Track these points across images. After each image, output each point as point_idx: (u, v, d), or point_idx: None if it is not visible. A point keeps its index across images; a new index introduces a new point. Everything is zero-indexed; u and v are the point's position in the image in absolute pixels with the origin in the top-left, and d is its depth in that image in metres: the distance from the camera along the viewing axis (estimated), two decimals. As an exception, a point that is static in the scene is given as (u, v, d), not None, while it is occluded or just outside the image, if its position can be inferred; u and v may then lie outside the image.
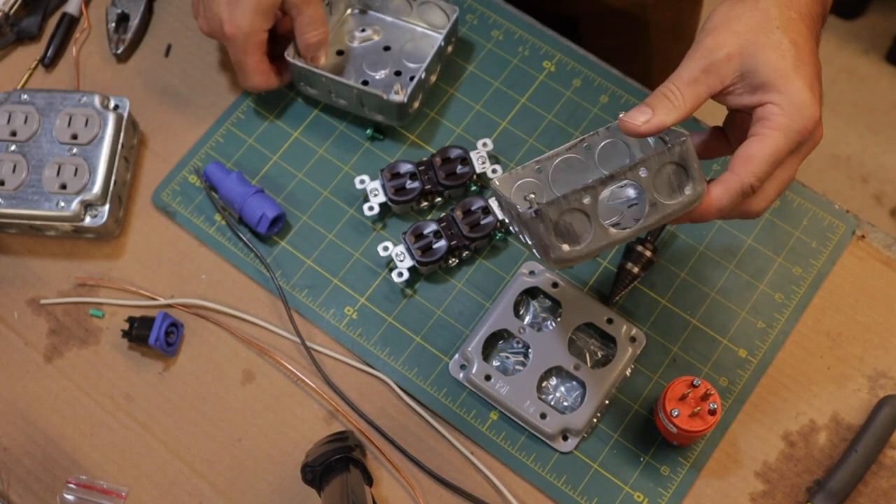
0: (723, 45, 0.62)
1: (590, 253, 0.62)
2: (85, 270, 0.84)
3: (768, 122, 0.61)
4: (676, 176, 0.62)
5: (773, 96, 0.61)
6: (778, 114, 0.61)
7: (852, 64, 1.94)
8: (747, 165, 0.61)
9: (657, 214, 0.62)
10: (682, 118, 0.63)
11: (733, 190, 0.62)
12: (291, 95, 0.88)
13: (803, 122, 0.61)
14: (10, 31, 0.92)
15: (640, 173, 0.61)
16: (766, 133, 0.61)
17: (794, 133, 0.61)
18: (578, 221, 0.61)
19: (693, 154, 0.62)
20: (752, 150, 0.61)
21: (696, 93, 0.63)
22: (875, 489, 0.74)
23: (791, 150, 0.62)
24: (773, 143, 0.61)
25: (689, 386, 0.71)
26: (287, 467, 0.77)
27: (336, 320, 0.81)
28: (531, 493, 0.75)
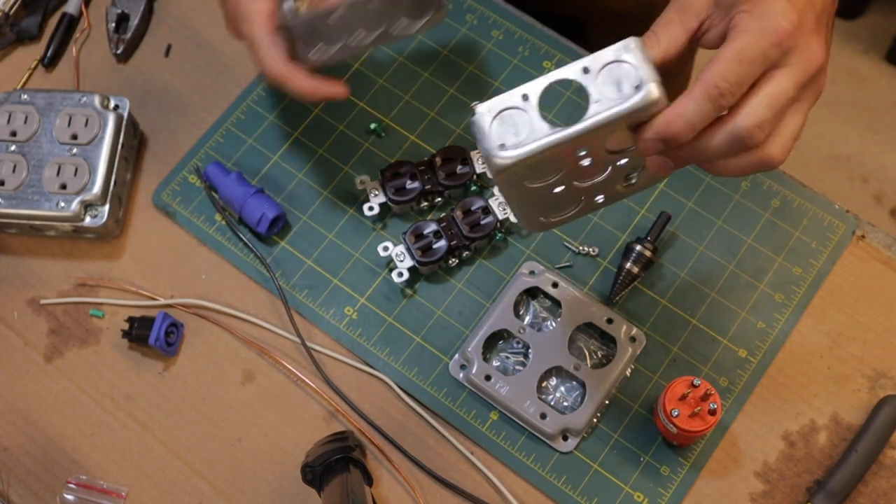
0: None
1: (531, 153, 0.58)
2: (85, 270, 0.84)
3: (735, 28, 0.58)
4: (626, 77, 0.58)
5: (742, 6, 0.58)
6: (746, 18, 0.57)
7: (852, 64, 1.94)
8: (711, 67, 0.57)
9: (601, 113, 0.58)
10: (661, 60, 0.60)
11: (696, 93, 0.57)
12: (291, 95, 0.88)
13: (775, 19, 0.57)
14: (10, 31, 0.92)
15: (581, 72, 0.58)
16: (732, 36, 0.57)
17: (764, 32, 0.57)
18: (519, 120, 0.59)
19: (642, 54, 0.58)
20: (717, 54, 0.57)
21: (671, 32, 0.60)
22: (875, 489, 0.74)
23: (766, 54, 0.57)
24: (739, 42, 0.57)
25: (689, 386, 0.71)
26: (287, 467, 0.77)
27: (336, 320, 0.81)
28: (531, 493, 0.75)
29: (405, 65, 0.89)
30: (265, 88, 0.89)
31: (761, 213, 0.82)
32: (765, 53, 0.57)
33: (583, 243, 0.82)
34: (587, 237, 0.82)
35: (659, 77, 0.58)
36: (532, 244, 0.82)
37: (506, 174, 0.59)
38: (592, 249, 0.81)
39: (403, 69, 0.89)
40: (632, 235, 0.82)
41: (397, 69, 0.89)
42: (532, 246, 0.82)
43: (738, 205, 0.83)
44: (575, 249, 0.82)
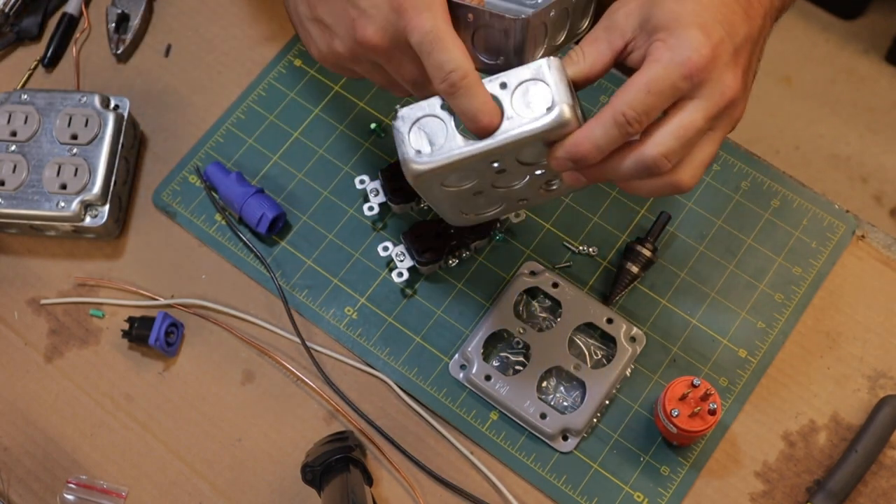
0: (625, 3, 0.62)
1: (443, 163, 0.60)
2: (85, 270, 0.84)
3: (649, 56, 0.59)
4: (540, 96, 0.59)
5: (660, 35, 0.59)
6: (660, 47, 0.59)
7: (852, 64, 1.94)
8: (620, 94, 0.58)
9: (513, 130, 0.59)
10: (585, 76, 0.61)
11: (604, 118, 0.58)
12: (292, 95, 0.88)
13: (686, 53, 0.58)
14: (10, 31, 0.92)
15: (499, 88, 0.60)
16: (645, 65, 0.59)
17: (674, 65, 0.58)
18: (435, 129, 0.60)
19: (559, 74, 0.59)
20: (629, 82, 0.59)
21: (598, 49, 0.62)
22: (875, 489, 0.74)
23: (675, 85, 0.58)
24: (649, 72, 0.58)
25: (689, 386, 0.71)
26: (287, 467, 0.77)
27: (336, 320, 0.81)
28: (531, 493, 0.75)
29: (405, 65, 0.89)
30: (265, 88, 0.89)
31: (761, 213, 0.82)
32: (674, 85, 0.58)
33: (583, 243, 0.82)
34: (587, 237, 0.82)
35: (574, 98, 0.59)
36: (532, 244, 0.82)
37: (420, 179, 0.62)
38: (592, 249, 0.81)
39: (403, 69, 0.89)
40: (632, 235, 0.82)
41: (397, 69, 0.89)
42: (532, 246, 0.82)
43: (738, 205, 0.83)
44: (575, 249, 0.82)
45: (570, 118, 0.59)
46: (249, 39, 0.91)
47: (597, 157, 0.60)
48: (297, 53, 0.90)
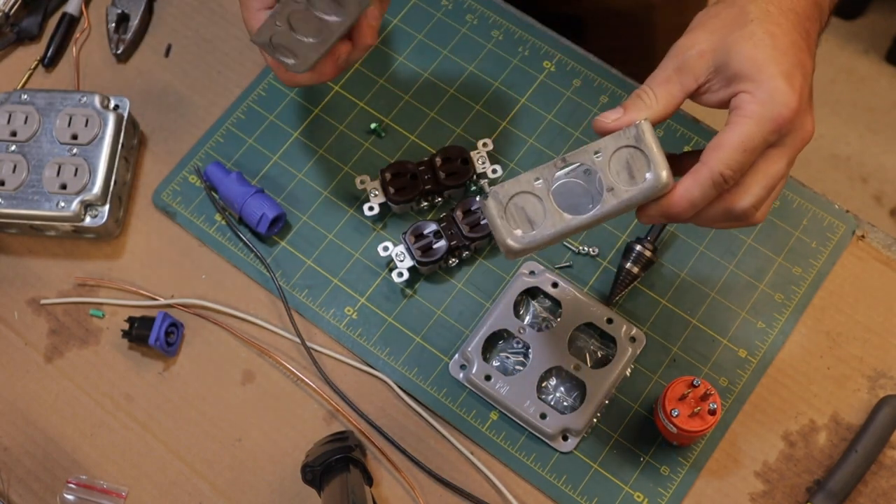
0: (695, 43, 0.62)
1: (544, 240, 0.60)
2: (85, 270, 0.84)
3: (739, 111, 0.60)
4: (636, 161, 0.60)
5: (745, 85, 0.60)
6: (749, 101, 0.60)
7: (852, 64, 1.94)
8: (716, 153, 0.59)
9: (615, 200, 0.60)
10: (656, 117, 0.62)
11: (702, 178, 0.60)
12: (291, 95, 0.88)
13: (777, 108, 0.59)
14: (10, 31, 0.92)
15: (594, 156, 0.60)
16: (736, 121, 0.60)
17: (767, 121, 0.59)
18: (532, 206, 0.60)
19: (652, 138, 0.60)
20: (722, 139, 0.60)
21: (670, 91, 0.62)
22: (875, 489, 0.74)
23: (767, 140, 0.60)
24: (743, 130, 0.59)
25: (689, 386, 0.71)
26: (287, 467, 0.77)
27: (336, 320, 0.81)
28: (531, 493, 0.75)
29: (405, 65, 0.89)
30: (265, 88, 0.89)
31: (761, 213, 0.82)
32: (766, 140, 0.60)
33: (583, 243, 0.82)
34: (587, 237, 0.82)
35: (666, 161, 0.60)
36: (532, 244, 0.82)
37: (515, 255, 0.61)
38: (592, 249, 0.81)
39: (403, 69, 0.89)
40: (632, 235, 0.82)
41: (397, 69, 0.89)
42: (532, 246, 0.82)
43: (738, 205, 0.82)
44: (575, 249, 0.82)
45: (668, 181, 0.60)
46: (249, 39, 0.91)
47: (690, 214, 0.62)
48: (297, 53, 0.90)
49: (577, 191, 0.61)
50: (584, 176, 0.61)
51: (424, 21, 0.90)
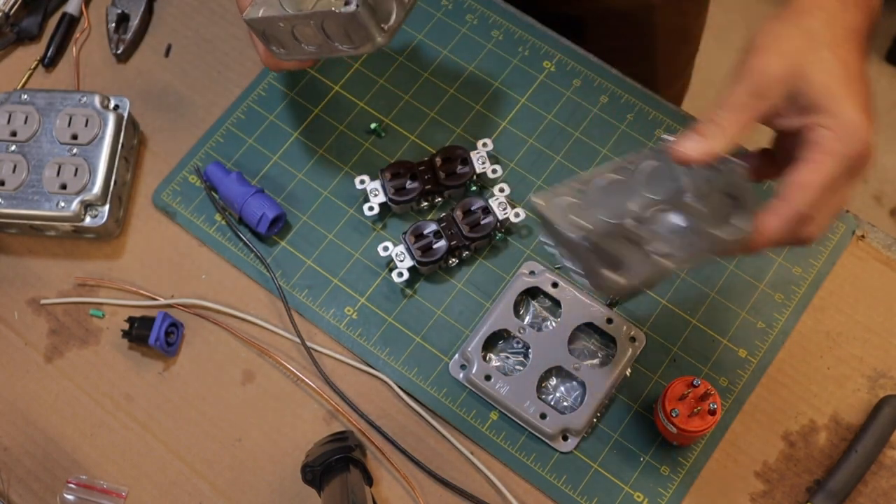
0: (769, 67, 0.60)
1: (641, 283, 0.59)
2: (85, 270, 0.84)
3: (820, 147, 0.59)
4: (726, 205, 0.59)
5: (823, 118, 0.59)
6: (830, 138, 0.59)
7: (852, 64, 1.94)
8: (801, 193, 0.59)
9: (705, 244, 0.59)
10: (734, 145, 0.60)
11: (788, 218, 0.59)
12: (292, 95, 0.88)
13: (856, 146, 0.59)
14: (10, 31, 0.92)
15: (685, 199, 0.59)
16: (819, 158, 0.59)
17: (846, 158, 0.59)
18: (626, 249, 0.59)
19: (747, 184, 0.59)
20: (805, 178, 0.59)
21: (746, 118, 0.60)
22: (875, 489, 0.74)
23: (846, 176, 0.60)
24: (827, 170, 0.58)
25: (688, 386, 0.71)
26: (287, 467, 0.77)
27: (336, 320, 0.81)
28: (531, 493, 0.75)
29: (405, 65, 0.89)
30: (265, 88, 0.89)
31: (761, 213, 0.82)
32: (845, 176, 0.59)
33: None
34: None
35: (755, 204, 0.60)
36: (532, 244, 0.82)
37: None
38: (592, 249, 0.81)
39: (403, 69, 0.89)
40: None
41: (397, 69, 0.89)
42: (532, 246, 0.82)
43: (738, 205, 0.82)
44: (575, 249, 0.82)
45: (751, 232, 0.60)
46: (249, 39, 0.91)
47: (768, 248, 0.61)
48: (297, 53, 0.90)
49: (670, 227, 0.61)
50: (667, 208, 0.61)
51: (424, 21, 0.90)
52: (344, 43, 0.70)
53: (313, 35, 0.70)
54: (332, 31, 0.69)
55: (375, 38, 0.68)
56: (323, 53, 0.72)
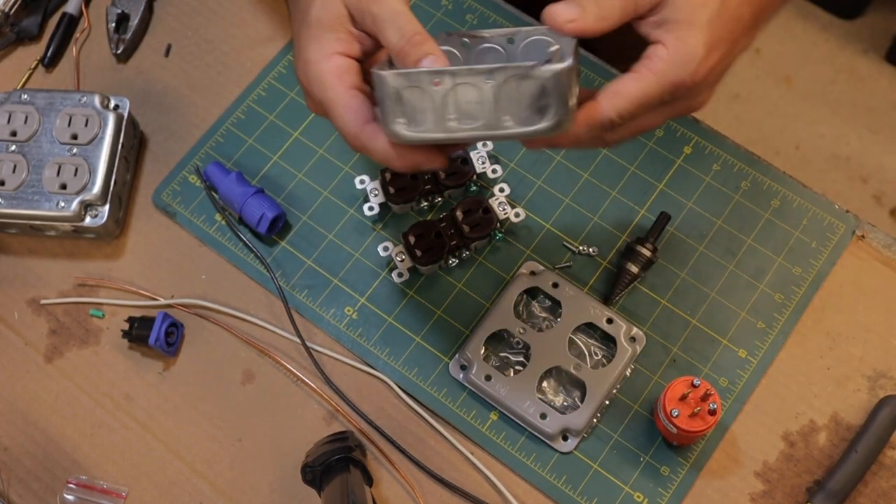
0: None
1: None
2: (85, 270, 0.84)
3: (649, 63, 0.59)
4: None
5: (668, 38, 0.59)
6: (661, 58, 0.58)
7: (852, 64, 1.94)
8: (613, 100, 0.58)
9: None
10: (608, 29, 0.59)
11: (593, 121, 0.59)
12: (292, 95, 0.88)
13: (682, 74, 0.58)
14: (10, 31, 0.92)
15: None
16: (643, 74, 0.58)
17: (668, 83, 0.58)
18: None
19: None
20: (622, 87, 0.58)
21: (624, 7, 0.59)
22: (875, 489, 0.74)
23: (662, 100, 0.59)
24: (644, 86, 0.58)
25: (689, 386, 0.71)
26: (287, 467, 0.77)
27: (336, 320, 0.81)
28: (531, 493, 0.75)
29: (405, 65, 0.89)
30: (265, 88, 0.89)
31: (761, 213, 0.82)
32: (661, 100, 0.59)
33: (583, 243, 0.82)
34: (587, 237, 0.82)
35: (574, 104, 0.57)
36: (532, 244, 0.82)
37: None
38: (592, 249, 0.81)
39: (403, 69, 0.89)
40: (632, 235, 0.82)
41: (397, 69, 0.89)
42: (532, 246, 0.82)
43: (738, 205, 0.83)
44: (575, 249, 0.82)
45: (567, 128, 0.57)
46: (249, 39, 0.91)
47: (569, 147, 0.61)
48: (297, 53, 0.90)
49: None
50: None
51: (424, 21, 0.90)
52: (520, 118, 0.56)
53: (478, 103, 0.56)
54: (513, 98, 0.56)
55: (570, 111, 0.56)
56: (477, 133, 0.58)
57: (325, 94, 0.61)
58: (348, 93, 0.61)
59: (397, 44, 0.59)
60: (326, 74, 0.61)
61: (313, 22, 0.62)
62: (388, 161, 0.60)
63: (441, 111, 0.56)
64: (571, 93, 0.57)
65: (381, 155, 0.60)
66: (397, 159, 0.60)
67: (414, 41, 0.59)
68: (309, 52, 0.62)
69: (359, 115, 0.60)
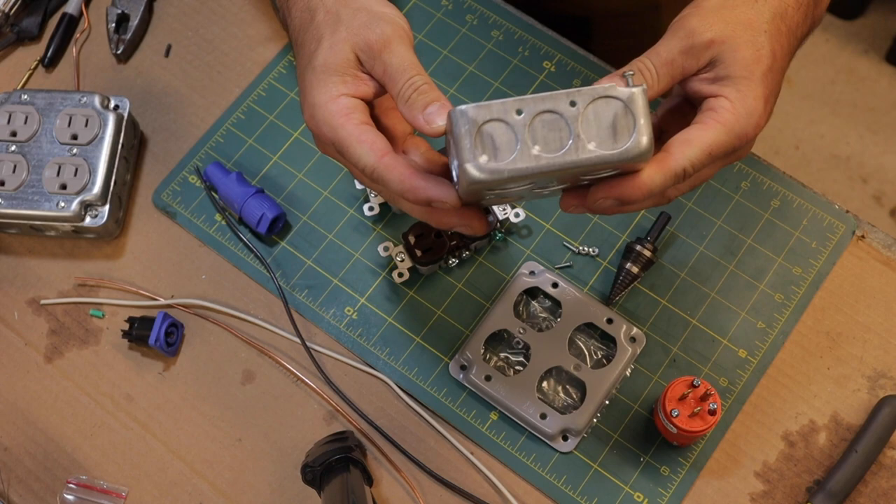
0: (708, 30, 0.61)
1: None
2: (85, 270, 0.84)
3: (716, 115, 0.60)
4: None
5: (730, 92, 0.60)
6: (729, 109, 0.60)
7: (852, 64, 1.94)
8: (685, 150, 0.59)
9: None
10: (653, 98, 0.60)
11: (668, 171, 0.58)
12: (292, 95, 0.88)
13: (747, 128, 0.60)
14: (10, 31, 0.92)
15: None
16: (711, 124, 0.59)
17: (734, 135, 0.60)
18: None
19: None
20: (694, 135, 0.59)
21: (671, 73, 0.61)
22: (875, 489, 0.74)
23: (727, 152, 0.60)
24: (714, 136, 0.59)
25: (689, 386, 0.71)
26: (287, 467, 0.77)
27: (336, 320, 0.81)
28: (531, 493, 0.75)
29: (405, 65, 0.89)
30: (265, 88, 0.89)
31: (761, 213, 0.82)
32: (727, 152, 0.60)
33: (583, 243, 0.82)
34: (587, 237, 0.82)
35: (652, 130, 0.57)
36: (532, 244, 0.82)
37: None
38: (592, 249, 0.81)
39: (403, 69, 0.89)
40: (632, 235, 0.82)
41: (397, 69, 0.89)
42: (532, 246, 0.82)
43: (738, 205, 0.83)
44: (575, 249, 0.82)
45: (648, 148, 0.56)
46: (249, 39, 0.91)
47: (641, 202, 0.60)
48: (297, 53, 0.90)
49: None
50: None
51: (424, 21, 0.90)
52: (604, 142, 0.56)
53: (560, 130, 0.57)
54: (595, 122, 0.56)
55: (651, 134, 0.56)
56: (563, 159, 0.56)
57: (335, 134, 0.61)
58: (360, 128, 0.60)
59: (405, 92, 0.60)
60: (335, 115, 0.61)
61: (319, 66, 0.62)
62: (405, 191, 0.59)
63: (525, 141, 0.56)
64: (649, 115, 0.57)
65: (397, 186, 0.59)
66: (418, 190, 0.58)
67: (421, 90, 0.59)
68: (315, 96, 0.62)
69: (374, 147, 0.60)
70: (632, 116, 0.56)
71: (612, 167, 0.58)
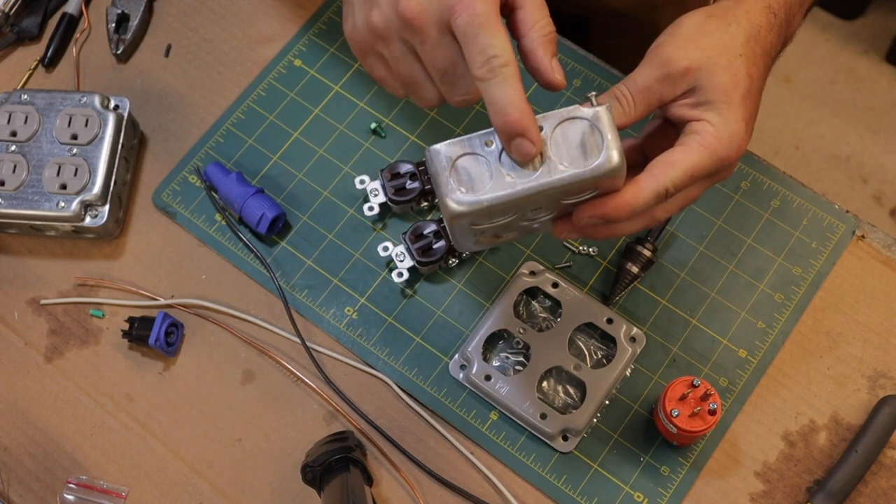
0: (684, 58, 0.62)
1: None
2: (85, 270, 0.84)
3: (699, 138, 0.61)
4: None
5: (711, 116, 0.61)
6: (711, 134, 0.61)
7: (852, 64, 1.95)
8: (667, 170, 0.60)
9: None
10: (629, 125, 0.62)
11: (649, 189, 0.60)
12: (292, 95, 0.88)
13: (729, 151, 0.61)
14: (10, 31, 0.92)
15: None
16: (695, 146, 0.61)
17: (717, 158, 0.61)
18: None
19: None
20: (676, 157, 0.61)
21: (648, 101, 0.62)
22: (875, 489, 0.74)
23: (709, 173, 0.62)
24: (697, 158, 0.61)
25: (689, 386, 0.71)
26: (287, 467, 0.77)
27: (336, 320, 0.81)
28: (531, 493, 0.75)
29: (405, 65, 0.89)
30: (265, 88, 0.89)
31: (761, 213, 0.82)
32: (709, 173, 0.62)
33: (583, 243, 0.82)
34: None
35: (622, 145, 0.59)
36: (532, 244, 0.82)
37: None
38: (592, 249, 0.82)
39: (403, 69, 0.89)
40: (632, 235, 0.82)
41: (397, 69, 0.89)
42: (532, 246, 0.82)
43: (738, 205, 0.83)
44: (575, 249, 0.82)
45: (621, 166, 0.58)
46: (249, 39, 0.91)
47: (624, 220, 0.62)
48: (297, 53, 0.90)
49: None
50: None
51: (424, 21, 0.90)
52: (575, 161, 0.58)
53: None
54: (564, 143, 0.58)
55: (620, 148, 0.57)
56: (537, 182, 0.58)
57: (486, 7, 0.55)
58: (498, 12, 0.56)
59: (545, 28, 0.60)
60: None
61: None
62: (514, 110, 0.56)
63: (498, 171, 0.58)
64: (616, 131, 0.58)
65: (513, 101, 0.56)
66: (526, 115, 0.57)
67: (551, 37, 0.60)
68: None
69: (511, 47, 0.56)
70: (599, 133, 0.58)
71: (590, 186, 0.59)
